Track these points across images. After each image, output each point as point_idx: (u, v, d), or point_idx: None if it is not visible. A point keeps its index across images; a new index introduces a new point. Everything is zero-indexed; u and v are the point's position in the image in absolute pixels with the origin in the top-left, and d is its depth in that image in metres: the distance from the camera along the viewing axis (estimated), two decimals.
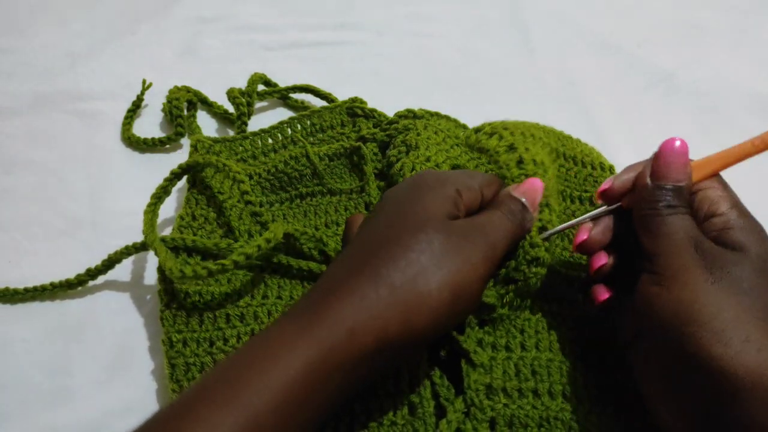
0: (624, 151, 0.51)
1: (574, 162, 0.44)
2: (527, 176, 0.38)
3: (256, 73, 0.53)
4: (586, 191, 0.43)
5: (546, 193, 0.37)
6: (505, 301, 0.35)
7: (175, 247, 0.39)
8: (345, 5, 0.65)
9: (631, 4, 0.66)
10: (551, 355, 0.35)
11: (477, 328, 0.35)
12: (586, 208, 0.42)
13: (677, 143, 0.33)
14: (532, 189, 0.36)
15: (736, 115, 0.55)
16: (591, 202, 0.43)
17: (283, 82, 0.55)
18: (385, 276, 0.29)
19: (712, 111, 0.55)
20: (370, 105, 0.50)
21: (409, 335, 0.29)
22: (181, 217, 0.42)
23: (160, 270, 0.38)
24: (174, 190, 0.48)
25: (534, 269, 0.35)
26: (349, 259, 0.31)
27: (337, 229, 0.43)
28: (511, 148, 0.41)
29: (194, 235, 0.41)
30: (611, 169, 0.45)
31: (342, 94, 0.52)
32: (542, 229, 0.36)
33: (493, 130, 0.44)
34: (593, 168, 0.44)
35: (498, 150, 0.41)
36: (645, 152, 0.51)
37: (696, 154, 0.52)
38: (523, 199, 0.35)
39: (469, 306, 0.32)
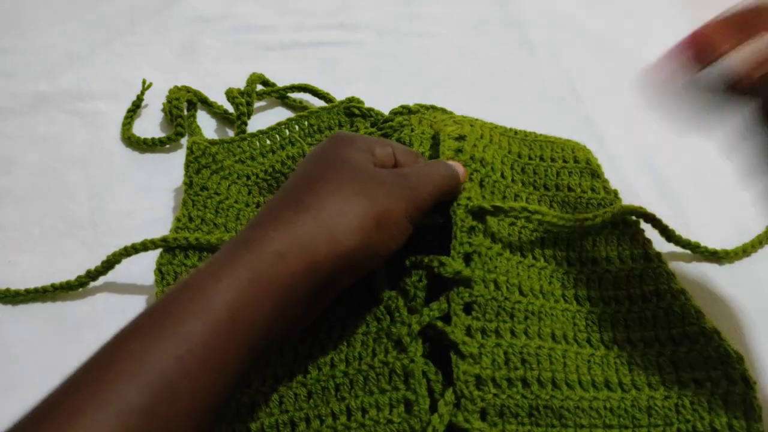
0: (624, 151, 0.51)
1: (542, 159, 0.45)
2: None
3: (254, 73, 0.53)
4: (561, 179, 0.44)
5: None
6: (471, 250, 0.36)
7: (173, 248, 0.39)
8: (345, 5, 0.65)
9: (631, 4, 0.66)
10: (540, 342, 0.35)
11: (464, 315, 0.35)
12: (565, 194, 0.43)
13: None
14: (460, 167, 0.38)
15: None
16: (570, 188, 0.43)
17: (283, 82, 0.55)
18: (309, 204, 0.30)
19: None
20: (370, 105, 0.50)
21: (338, 257, 0.30)
22: (178, 219, 0.42)
23: (158, 272, 0.38)
24: (172, 190, 0.48)
25: (459, 212, 0.36)
26: (275, 199, 0.32)
27: None
28: (461, 138, 0.42)
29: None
30: (587, 161, 0.45)
31: (342, 94, 0.52)
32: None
33: (457, 120, 0.45)
34: (565, 161, 0.45)
35: (450, 134, 0.42)
36: (645, 152, 0.51)
37: (695, 154, 0.51)
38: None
39: (396, 235, 0.32)
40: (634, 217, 0.41)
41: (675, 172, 0.50)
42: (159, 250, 0.40)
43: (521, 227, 0.40)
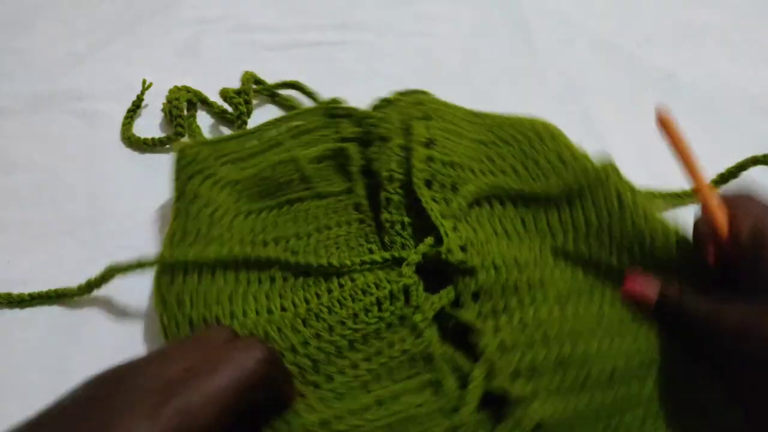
0: (624, 150, 0.51)
1: (506, 142, 0.46)
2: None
3: (247, 72, 0.53)
4: (526, 160, 0.44)
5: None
6: (463, 243, 0.38)
7: (169, 265, 0.38)
8: (345, 5, 0.65)
9: (631, 4, 0.66)
10: (549, 305, 0.36)
11: (473, 303, 0.37)
12: (519, 176, 0.44)
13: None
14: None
15: (736, 114, 0.55)
16: (525, 167, 0.44)
17: None
18: None
19: (712, 111, 0.55)
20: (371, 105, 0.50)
21: None
22: (173, 234, 0.40)
23: (160, 298, 0.38)
24: (172, 190, 0.47)
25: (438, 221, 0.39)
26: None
27: (329, 233, 0.42)
28: (430, 143, 0.44)
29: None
30: (552, 136, 0.46)
31: (342, 94, 0.52)
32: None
33: (425, 112, 0.46)
34: (530, 140, 0.45)
35: (419, 139, 0.43)
36: (645, 152, 0.51)
37: (696, 153, 0.51)
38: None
39: None
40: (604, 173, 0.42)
41: (675, 172, 0.50)
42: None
43: (500, 216, 0.42)
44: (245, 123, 0.50)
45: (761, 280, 0.32)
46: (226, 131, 0.53)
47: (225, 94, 0.51)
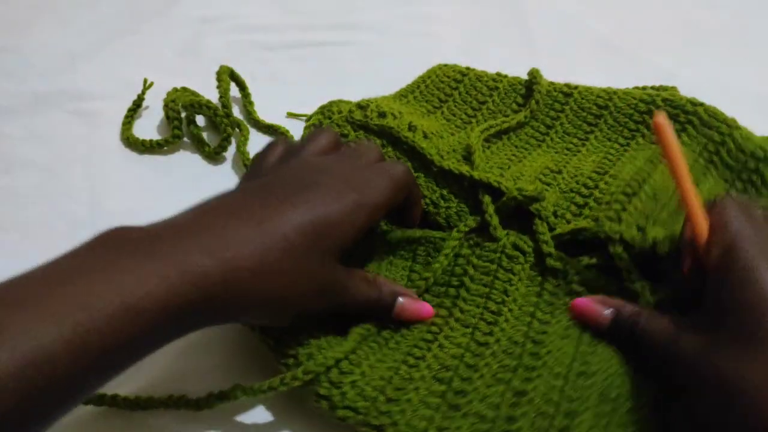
0: None
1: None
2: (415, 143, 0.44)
3: (223, 66, 0.53)
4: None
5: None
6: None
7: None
8: (345, 5, 0.65)
9: (631, 4, 0.66)
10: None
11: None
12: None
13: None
14: (415, 310, 0.36)
15: (737, 115, 0.55)
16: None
17: (283, 82, 0.55)
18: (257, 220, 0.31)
19: None
20: None
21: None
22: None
23: None
24: (172, 190, 0.47)
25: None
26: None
27: (392, 261, 0.41)
28: (411, 127, 0.46)
29: None
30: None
31: (342, 94, 0.52)
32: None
33: (380, 110, 0.46)
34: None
35: (401, 127, 0.45)
36: None
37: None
38: (400, 301, 0.35)
39: (335, 249, 0.32)
40: None
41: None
42: None
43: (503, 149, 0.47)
44: (179, 138, 0.50)
45: (720, 306, 0.29)
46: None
47: (169, 107, 0.50)
